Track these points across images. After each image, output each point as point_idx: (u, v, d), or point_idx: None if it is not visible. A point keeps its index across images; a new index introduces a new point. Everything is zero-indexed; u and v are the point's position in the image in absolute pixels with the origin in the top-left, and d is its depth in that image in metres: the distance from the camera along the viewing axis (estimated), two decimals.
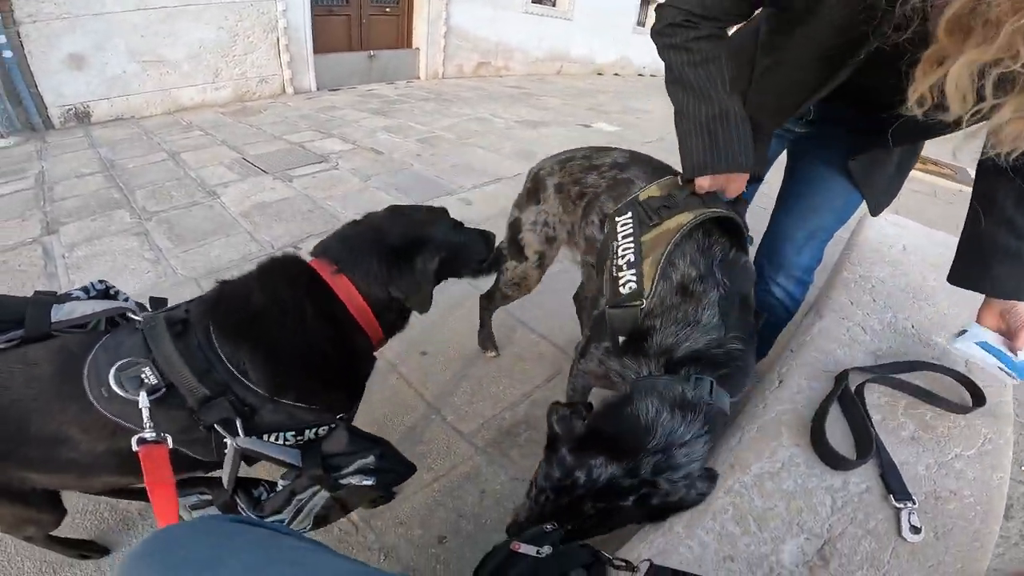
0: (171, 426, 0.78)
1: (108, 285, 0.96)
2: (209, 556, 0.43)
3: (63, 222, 2.69)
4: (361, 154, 3.96)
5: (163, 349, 0.79)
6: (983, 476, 0.89)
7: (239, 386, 0.81)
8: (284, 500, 0.84)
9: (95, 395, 0.76)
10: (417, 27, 7.54)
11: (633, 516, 0.80)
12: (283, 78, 5.98)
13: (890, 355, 1.14)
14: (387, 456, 0.88)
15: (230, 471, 0.81)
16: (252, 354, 0.82)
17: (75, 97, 4.60)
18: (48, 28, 4.26)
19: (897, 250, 1.62)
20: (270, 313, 0.86)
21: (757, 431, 0.92)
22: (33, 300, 0.86)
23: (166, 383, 0.78)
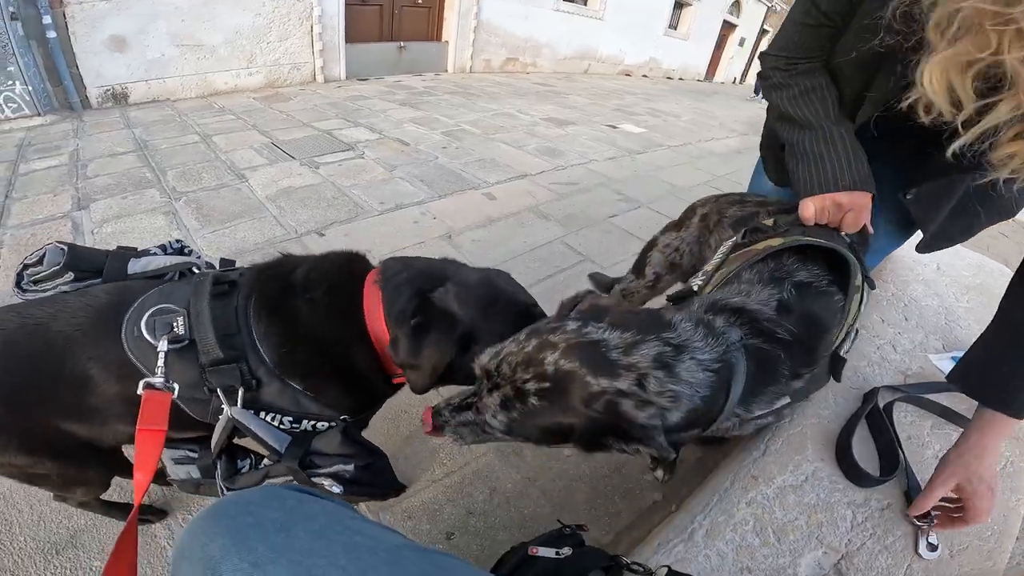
0: (181, 378, 0.78)
1: (183, 244, 1.00)
2: (282, 521, 0.45)
3: (94, 198, 2.75)
4: (387, 144, 3.98)
5: (198, 304, 0.80)
6: (1001, 498, 0.88)
7: (254, 356, 0.80)
8: (257, 480, 0.84)
9: (127, 332, 0.78)
10: (448, 20, 7.58)
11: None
12: (314, 66, 6.07)
13: (919, 376, 1.12)
14: (374, 470, 0.86)
15: (218, 436, 0.81)
16: (271, 327, 0.82)
17: (114, 78, 4.71)
18: (94, 10, 4.37)
19: (931, 269, 1.58)
20: (303, 295, 0.85)
21: (782, 444, 0.91)
22: (113, 253, 0.89)
23: (191, 337, 0.78)
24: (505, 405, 0.68)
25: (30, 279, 0.85)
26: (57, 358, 0.76)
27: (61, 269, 0.84)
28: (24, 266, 0.85)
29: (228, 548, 0.42)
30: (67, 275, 0.85)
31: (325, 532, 0.45)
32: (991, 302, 1.47)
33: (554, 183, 3.53)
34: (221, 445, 0.83)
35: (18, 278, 0.85)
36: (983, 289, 1.56)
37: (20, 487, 1.21)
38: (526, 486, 1.38)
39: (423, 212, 2.86)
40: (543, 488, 1.38)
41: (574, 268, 2.41)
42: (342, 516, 0.50)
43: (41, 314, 0.78)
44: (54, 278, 0.84)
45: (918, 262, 1.61)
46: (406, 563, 0.46)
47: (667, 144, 5.12)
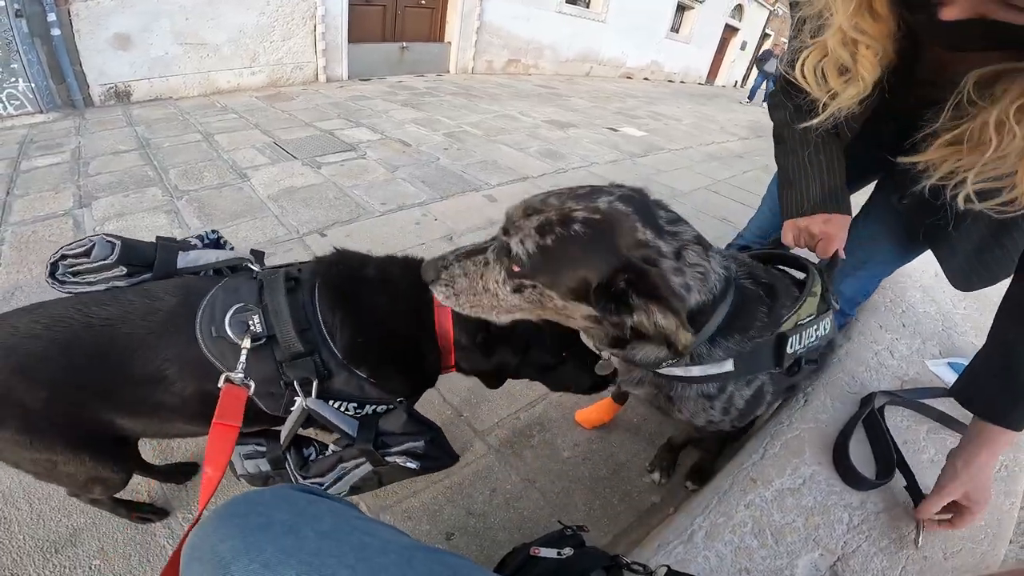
0: (257, 374, 0.80)
1: (219, 235, 1.03)
2: (291, 522, 0.45)
3: (96, 196, 2.76)
4: (389, 145, 3.99)
5: (276, 301, 0.83)
6: (995, 502, 0.90)
7: (326, 349, 0.84)
8: (330, 465, 0.87)
9: (203, 331, 0.80)
10: (451, 21, 7.60)
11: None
12: (317, 66, 6.09)
13: (915, 382, 1.13)
14: (436, 442, 0.91)
15: (291, 428, 0.85)
16: (344, 320, 0.86)
17: (117, 76, 4.72)
18: (99, 8, 4.38)
19: (929, 275, 1.60)
20: (375, 291, 0.91)
21: (781, 447, 0.93)
22: (160, 246, 0.92)
23: (268, 334, 0.81)
24: (543, 230, 0.67)
25: (67, 270, 0.85)
26: (126, 358, 0.78)
27: (114, 263, 0.86)
28: (62, 256, 0.86)
29: (239, 549, 0.42)
30: (118, 269, 0.86)
31: (334, 533, 0.46)
32: (988, 309, 1.49)
33: (556, 186, 3.51)
34: (291, 436, 0.86)
35: (52, 268, 0.85)
36: (980, 296, 1.56)
37: (20, 485, 1.21)
38: (525, 487, 1.39)
39: (424, 213, 2.87)
40: (542, 489, 1.38)
41: None
42: (350, 517, 0.50)
43: (107, 314, 0.80)
44: (102, 271, 0.86)
45: (916, 268, 1.62)
46: (416, 563, 0.46)
47: (668, 148, 5.14)
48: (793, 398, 1.05)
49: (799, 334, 0.85)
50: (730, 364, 0.82)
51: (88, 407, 0.80)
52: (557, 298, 0.70)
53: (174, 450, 1.35)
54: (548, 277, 0.69)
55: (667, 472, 1.41)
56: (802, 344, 0.86)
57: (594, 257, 0.65)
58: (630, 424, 1.61)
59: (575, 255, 0.66)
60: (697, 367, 0.83)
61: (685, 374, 0.83)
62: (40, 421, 0.78)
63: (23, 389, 0.75)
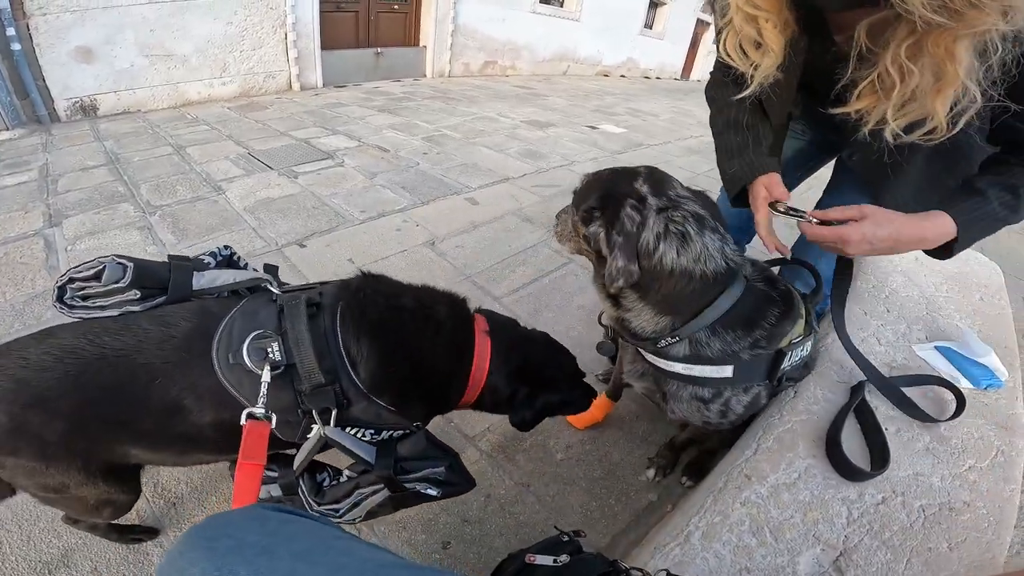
0: (276, 404, 0.78)
1: (232, 251, 1.00)
2: (264, 543, 0.44)
3: (67, 215, 2.67)
4: (367, 151, 3.94)
5: (298, 330, 0.81)
6: (995, 488, 0.90)
7: (346, 377, 0.82)
8: (346, 492, 0.85)
9: (220, 359, 0.78)
10: (425, 25, 7.55)
11: None
12: (290, 74, 5.99)
13: (904, 367, 1.14)
14: (454, 468, 0.89)
15: (306, 455, 0.82)
16: (370, 350, 0.84)
17: (82, 90, 4.59)
18: (58, 21, 4.25)
19: (910, 259, 1.61)
20: (410, 322, 0.90)
21: (774, 442, 0.91)
22: (174, 266, 0.88)
23: (288, 363, 0.79)
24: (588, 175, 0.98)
25: (76, 294, 0.82)
26: (143, 389, 0.76)
27: (127, 287, 0.82)
28: (70, 279, 0.83)
29: (208, 572, 0.41)
30: (131, 292, 0.83)
31: (310, 553, 0.44)
32: (971, 291, 1.51)
33: (537, 186, 3.52)
34: (306, 462, 0.84)
35: (60, 292, 0.83)
36: (961, 278, 1.58)
37: (7, 509, 1.18)
38: (520, 492, 1.37)
39: (405, 219, 2.84)
40: (537, 493, 1.37)
41: (559, 271, 2.40)
42: (327, 536, 0.49)
43: (121, 344, 0.77)
44: (114, 295, 0.83)
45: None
46: None
47: (647, 143, 5.16)
48: (783, 391, 1.05)
49: (791, 351, 0.94)
50: (730, 371, 0.87)
51: (104, 438, 0.79)
52: (575, 216, 0.95)
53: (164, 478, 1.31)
54: (576, 199, 0.96)
55: (664, 470, 1.40)
56: (790, 362, 0.95)
57: (597, 187, 0.92)
58: (623, 422, 1.60)
59: (591, 186, 0.95)
60: (697, 367, 0.86)
61: (685, 372, 0.87)
62: (56, 451, 0.77)
63: (38, 422, 0.73)
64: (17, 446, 0.75)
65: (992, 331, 1.35)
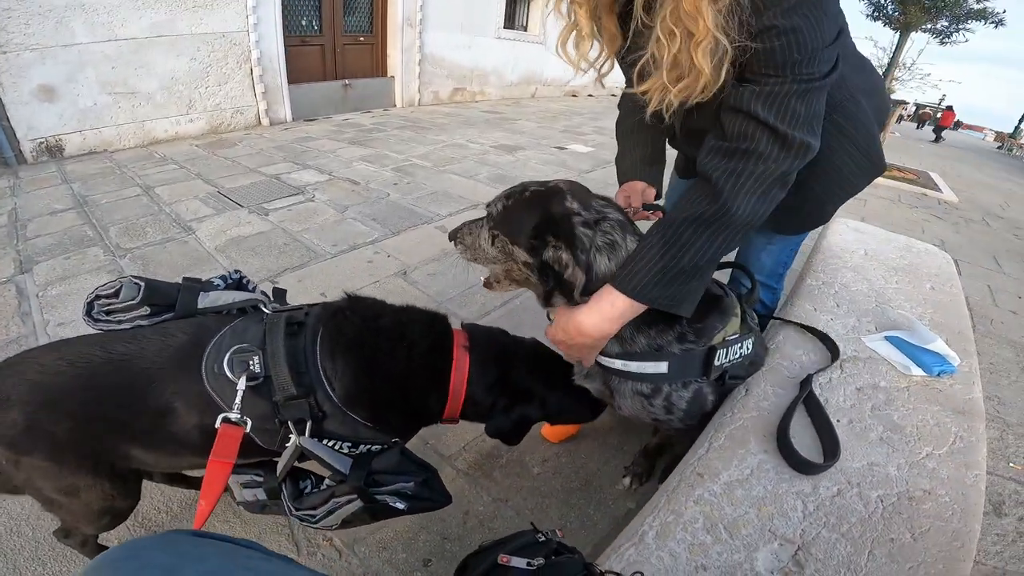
0: (253, 412, 0.86)
1: (242, 275, 1.09)
2: (170, 564, 0.45)
3: (37, 260, 2.64)
4: (337, 185, 3.96)
5: (275, 344, 0.90)
6: (957, 475, 0.90)
7: (321, 392, 0.90)
8: (323, 499, 0.90)
9: (207, 368, 0.87)
10: (392, 55, 7.65)
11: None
12: (258, 109, 5.98)
13: (854, 360, 1.17)
14: (429, 483, 0.94)
15: (285, 463, 0.89)
16: (347, 366, 0.92)
17: (47, 130, 4.52)
18: (19, 59, 4.21)
19: (859, 255, 1.67)
20: (387, 341, 0.97)
21: (725, 439, 0.94)
22: (183, 287, 0.99)
23: (266, 374, 0.87)
24: (507, 197, 0.96)
25: (102, 309, 0.93)
26: (141, 391, 0.85)
27: (138, 303, 0.92)
28: (97, 296, 0.94)
29: None
30: (143, 309, 0.94)
31: (219, 572, 0.45)
32: (921, 281, 1.57)
33: None
34: (286, 470, 0.91)
35: (88, 307, 0.93)
36: (911, 269, 1.65)
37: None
38: (498, 507, 1.38)
39: (376, 251, 2.86)
40: (516, 507, 1.38)
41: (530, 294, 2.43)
42: (239, 555, 0.49)
43: (125, 350, 0.87)
44: (129, 311, 0.93)
45: (845, 250, 1.70)
46: None
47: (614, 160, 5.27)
48: (734, 389, 1.08)
49: (726, 348, 0.98)
50: (665, 366, 0.89)
51: (109, 437, 0.87)
52: (509, 243, 0.93)
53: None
54: (505, 227, 0.94)
55: (640, 478, 1.42)
56: (727, 358, 0.99)
57: (532, 212, 0.90)
58: (597, 435, 1.62)
59: (521, 211, 0.92)
60: (635, 363, 0.90)
61: (623, 368, 0.91)
62: (66, 449, 0.84)
63: (51, 420, 0.82)
64: (33, 445, 0.82)
65: (944, 318, 1.40)
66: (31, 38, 4.23)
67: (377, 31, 7.41)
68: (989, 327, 2.82)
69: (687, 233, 0.84)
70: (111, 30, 4.65)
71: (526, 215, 0.91)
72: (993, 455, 1.77)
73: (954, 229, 4.75)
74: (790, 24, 0.74)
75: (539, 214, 0.89)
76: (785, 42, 0.76)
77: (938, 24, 17.31)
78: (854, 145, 1.04)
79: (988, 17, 16.42)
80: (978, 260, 3.95)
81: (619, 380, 1.01)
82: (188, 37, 5.17)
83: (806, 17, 0.75)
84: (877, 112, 1.07)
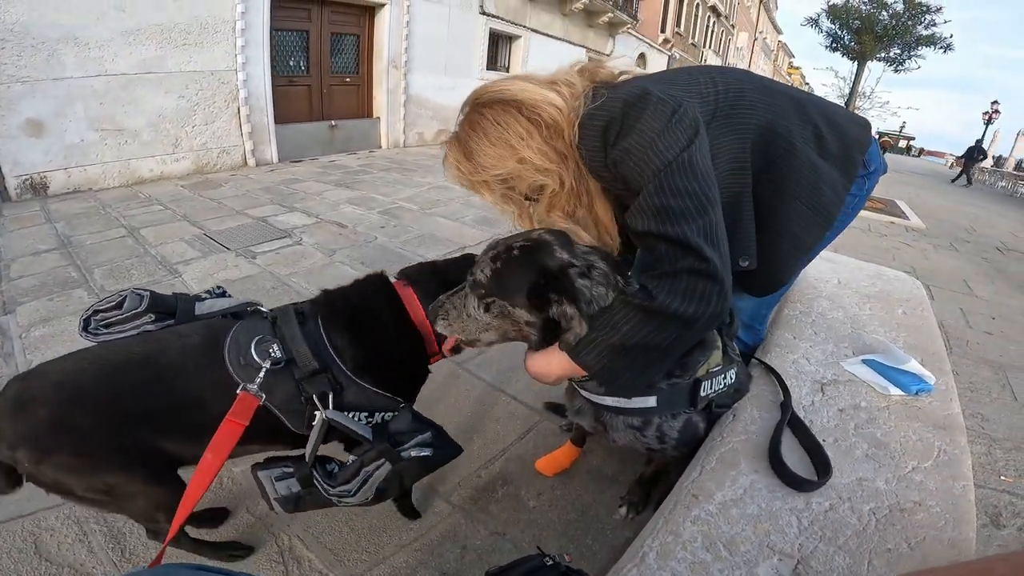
0: (279, 394, 0.97)
1: (224, 290, 1.21)
2: None
3: (20, 302, 2.61)
4: (325, 228, 3.99)
5: (290, 330, 1.01)
6: (945, 486, 0.94)
7: (335, 366, 1.02)
8: (353, 472, 0.95)
9: (232, 362, 0.97)
10: (377, 96, 7.82)
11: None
12: (244, 149, 6.01)
13: (834, 383, 1.23)
14: (440, 436, 1.03)
15: (315, 440, 0.95)
16: (348, 339, 1.05)
17: (32, 167, 4.48)
18: (9, 91, 4.19)
19: (833, 284, 1.76)
20: (361, 313, 1.10)
21: (716, 462, 0.97)
22: (180, 298, 1.10)
23: (287, 358, 0.98)
24: (495, 259, 0.92)
25: (100, 323, 1.02)
26: (166, 384, 0.94)
27: (144, 311, 1.02)
28: (94, 311, 1.02)
29: None
30: (147, 316, 1.03)
31: None
32: (893, 306, 1.65)
33: None
34: (316, 449, 0.96)
35: (85, 323, 1.02)
36: (883, 296, 1.74)
37: None
38: (496, 540, 1.38)
39: None
40: (513, 540, 1.38)
41: None
42: None
43: (143, 350, 0.97)
44: (133, 319, 1.02)
45: (820, 280, 1.78)
46: None
47: None
48: (722, 415, 1.12)
49: (710, 380, 1.02)
50: (652, 401, 0.94)
51: (135, 430, 0.92)
52: (508, 305, 0.91)
53: None
54: (500, 291, 0.91)
55: (636, 507, 1.43)
56: (713, 389, 1.03)
57: (527, 269, 0.89)
58: (591, 467, 1.64)
59: (514, 271, 0.90)
60: (623, 399, 0.99)
61: (614, 404, 0.95)
62: (91, 444, 0.89)
63: (75, 416, 0.87)
64: (58, 442, 0.87)
65: (918, 340, 1.47)
66: (23, 70, 4.24)
67: (363, 72, 7.61)
68: (966, 348, 2.92)
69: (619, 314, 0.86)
70: (102, 65, 4.69)
71: (522, 275, 0.89)
72: (984, 470, 1.84)
73: (923, 255, 4.96)
74: (617, 157, 0.89)
75: (535, 271, 0.88)
76: (628, 166, 0.88)
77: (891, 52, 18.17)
78: (799, 201, 1.03)
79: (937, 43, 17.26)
80: (949, 284, 4.11)
81: (610, 415, 1.05)
82: (177, 75, 5.23)
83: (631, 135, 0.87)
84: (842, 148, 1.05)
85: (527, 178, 0.97)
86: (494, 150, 0.95)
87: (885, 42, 17.72)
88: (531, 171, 0.95)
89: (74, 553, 1.27)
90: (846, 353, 1.36)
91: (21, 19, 4.16)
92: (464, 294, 0.97)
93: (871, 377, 1.26)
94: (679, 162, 0.83)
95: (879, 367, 1.28)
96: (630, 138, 0.86)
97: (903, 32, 17.36)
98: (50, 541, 1.29)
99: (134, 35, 4.81)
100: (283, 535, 1.35)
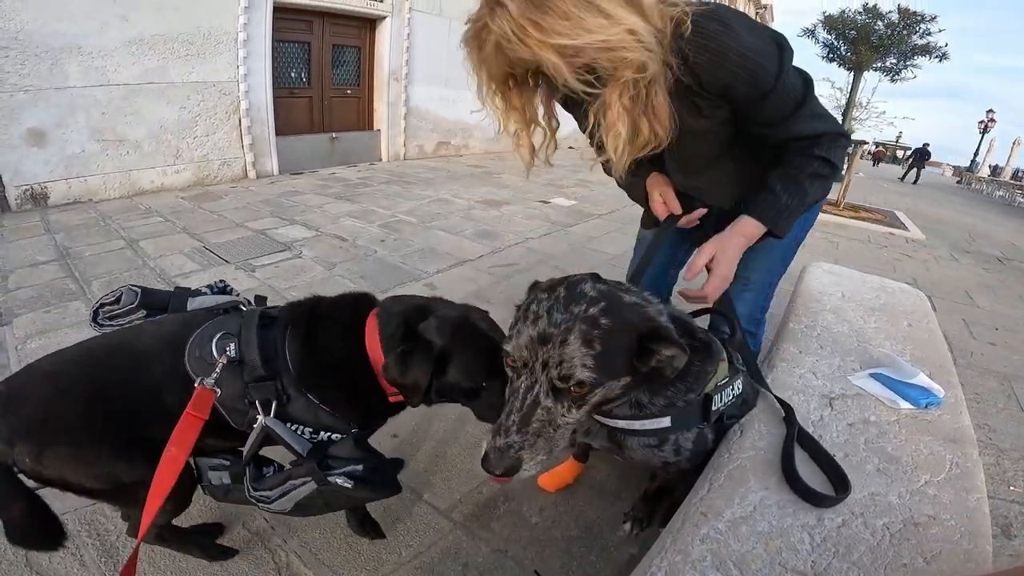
0: (228, 390, 0.97)
1: (226, 284, 1.27)
2: None
3: (17, 313, 2.59)
4: (325, 241, 3.98)
5: (247, 333, 1.01)
6: (958, 499, 0.92)
7: (287, 376, 1.01)
8: (279, 481, 0.95)
9: (189, 353, 0.99)
10: (378, 109, 7.85)
11: None
12: (245, 161, 6.01)
13: (842, 398, 1.21)
14: (381, 473, 1.00)
15: (252, 443, 0.97)
16: (300, 350, 1.04)
17: (33, 177, 4.46)
18: (12, 100, 4.19)
19: (837, 298, 1.75)
20: (324, 326, 1.08)
21: (725, 479, 0.95)
22: (175, 292, 1.17)
23: (240, 358, 0.99)
24: (587, 343, 0.77)
25: (106, 316, 1.10)
26: (138, 371, 0.97)
27: (136, 307, 1.10)
28: (101, 304, 1.11)
29: None
30: (140, 312, 1.10)
31: None
32: (898, 319, 1.64)
33: (494, 266, 3.64)
34: (253, 452, 0.98)
35: (94, 314, 1.11)
36: (887, 308, 1.72)
37: None
38: (498, 558, 1.35)
39: None
40: (516, 557, 1.35)
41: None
42: None
43: (122, 338, 1.03)
44: (129, 314, 1.10)
45: (823, 293, 1.77)
46: None
47: (597, 213, 5.45)
48: (729, 430, 1.10)
49: (720, 393, 1.02)
50: (667, 421, 0.97)
51: (123, 416, 0.95)
52: (615, 384, 0.83)
53: None
54: (610, 374, 0.80)
55: (640, 523, 1.41)
56: (723, 402, 1.03)
57: (627, 335, 0.81)
58: (594, 482, 1.62)
59: (619, 343, 0.80)
60: (638, 422, 0.98)
61: (628, 427, 0.94)
62: (84, 433, 0.91)
63: (66, 406, 0.90)
64: (52, 434, 0.89)
65: (924, 353, 1.46)
66: (26, 79, 4.24)
67: (364, 84, 7.65)
68: (970, 359, 2.91)
69: (808, 184, 1.08)
70: (104, 74, 4.70)
71: (622, 337, 0.80)
72: (993, 480, 1.83)
73: (924, 266, 4.96)
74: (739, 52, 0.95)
75: (635, 330, 0.82)
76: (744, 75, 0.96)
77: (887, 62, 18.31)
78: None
79: (932, 52, 17.38)
80: (951, 296, 4.11)
81: (626, 436, 1.04)
82: (179, 85, 5.24)
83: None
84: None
85: (620, 54, 0.86)
86: (594, 20, 0.82)
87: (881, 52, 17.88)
88: (636, 47, 0.86)
89: (65, 566, 1.24)
90: (853, 367, 1.34)
91: (26, 27, 4.16)
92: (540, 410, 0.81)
93: (880, 391, 1.24)
94: (811, 80, 1.05)
95: (888, 381, 1.26)
96: (766, 47, 0.96)
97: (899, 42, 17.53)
98: (41, 554, 1.26)
99: (137, 45, 4.83)
100: (280, 551, 1.32)
